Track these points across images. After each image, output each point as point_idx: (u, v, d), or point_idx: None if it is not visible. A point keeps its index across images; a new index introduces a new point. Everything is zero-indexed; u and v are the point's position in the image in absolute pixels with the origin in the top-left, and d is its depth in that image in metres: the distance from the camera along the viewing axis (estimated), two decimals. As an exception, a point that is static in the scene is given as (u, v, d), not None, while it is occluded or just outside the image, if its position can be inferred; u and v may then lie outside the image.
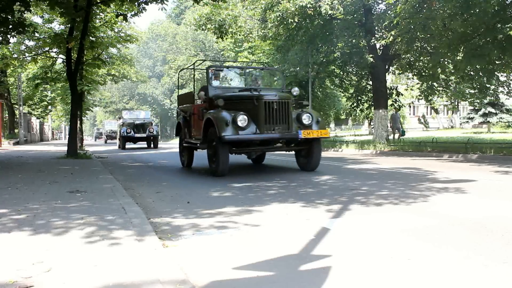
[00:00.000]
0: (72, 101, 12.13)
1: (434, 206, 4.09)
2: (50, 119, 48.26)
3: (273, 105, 7.05)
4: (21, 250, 2.50)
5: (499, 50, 10.52)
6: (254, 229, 3.31)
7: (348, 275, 2.24)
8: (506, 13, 10.36)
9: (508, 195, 4.73)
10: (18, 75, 25.19)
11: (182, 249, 2.76)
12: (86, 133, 68.08)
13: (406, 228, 3.22)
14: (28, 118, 30.91)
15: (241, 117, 6.80)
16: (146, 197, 4.96)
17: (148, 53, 60.99)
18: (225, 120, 6.78)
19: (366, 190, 5.22)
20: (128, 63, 24.47)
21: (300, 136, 7.03)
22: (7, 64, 17.39)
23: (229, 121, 6.75)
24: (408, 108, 46.17)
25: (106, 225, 3.09)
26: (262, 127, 6.97)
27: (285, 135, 7.11)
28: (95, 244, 2.62)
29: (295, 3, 14.07)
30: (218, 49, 41.14)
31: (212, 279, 2.21)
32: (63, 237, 2.78)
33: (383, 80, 16.71)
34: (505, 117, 31.26)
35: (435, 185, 5.54)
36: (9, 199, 4.27)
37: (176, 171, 8.48)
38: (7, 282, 1.98)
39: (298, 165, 8.05)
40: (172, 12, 62.25)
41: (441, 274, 2.23)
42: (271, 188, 5.56)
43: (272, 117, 7.03)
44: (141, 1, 11.61)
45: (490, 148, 10.79)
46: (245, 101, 7.25)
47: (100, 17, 16.31)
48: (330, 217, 3.67)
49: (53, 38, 14.18)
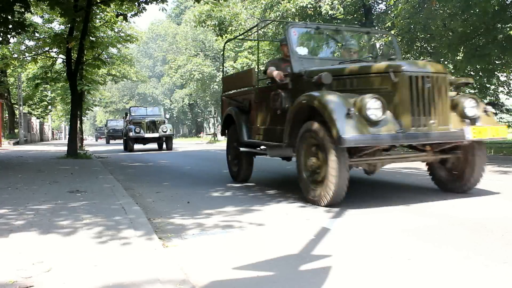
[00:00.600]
0: (72, 101, 12.13)
1: (434, 206, 4.09)
2: (50, 119, 48.28)
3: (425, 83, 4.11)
4: (21, 250, 2.50)
5: (499, 50, 10.51)
6: (255, 229, 3.31)
7: (348, 275, 2.24)
8: (506, 13, 10.36)
9: (508, 195, 4.73)
10: (18, 75, 25.19)
11: (182, 249, 2.76)
12: (86, 133, 68.08)
13: (406, 228, 3.22)
14: (28, 118, 30.90)
15: (372, 102, 3.91)
16: (146, 197, 4.96)
17: (148, 53, 61.02)
18: (343, 108, 3.92)
19: (366, 190, 5.22)
20: (128, 63, 24.45)
21: (469, 137, 4.18)
22: (7, 64, 17.40)
23: (352, 110, 3.89)
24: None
25: (106, 225, 3.09)
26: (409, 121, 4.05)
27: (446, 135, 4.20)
28: (95, 244, 2.62)
29: (295, 3, 14.07)
30: (218, 49, 41.12)
31: (212, 279, 2.21)
32: (63, 237, 2.78)
33: (383, 80, 16.66)
34: (505, 117, 31.24)
35: (435, 185, 5.53)
36: (9, 199, 4.27)
37: (176, 171, 8.48)
38: (7, 282, 1.98)
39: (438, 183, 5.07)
40: (172, 12, 62.23)
41: (441, 274, 2.23)
42: (271, 188, 5.55)
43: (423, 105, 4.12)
44: (141, 1, 11.61)
45: (490, 148, 10.79)
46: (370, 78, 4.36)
47: (100, 17, 16.30)
48: (330, 217, 3.67)
49: (53, 38, 14.19)
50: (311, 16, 14.66)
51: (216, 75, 40.78)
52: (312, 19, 14.97)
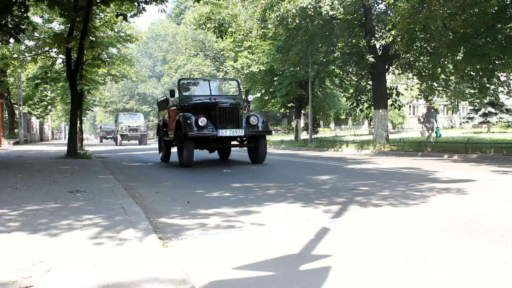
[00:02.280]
0: (72, 101, 12.14)
1: (434, 206, 4.09)
2: (50, 119, 48.27)
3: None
4: (21, 250, 2.49)
5: (499, 50, 10.51)
6: (254, 229, 3.31)
7: (348, 275, 2.24)
8: (506, 13, 10.36)
9: (508, 195, 4.73)
10: (18, 75, 25.18)
11: (182, 249, 2.76)
12: (86, 133, 68.06)
13: (406, 228, 3.22)
14: (28, 118, 30.90)
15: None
16: (146, 197, 4.96)
17: (148, 53, 61.02)
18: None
19: (366, 190, 5.22)
20: (128, 63, 24.45)
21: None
22: (7, 64, 17.39)
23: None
24: (408, 108, 46.16)
25: (106, 225, 3.09)
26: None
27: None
28: (95, 244, 2.62)
29: (295, 4, 14.06)
30: (218, 49, 41.13)
31: (212, 279, 2.21)
32: (63, 237, 2.78)
33: (383, 80, 16.70)
34: (505, 117, 31.25)
35: (435, 185, 5.54)
36: (9, 199, 4.27)
37: (176, 171, 8.48)
38: (7, 282, 1.98)
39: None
40: (172, 12, 62.29)
41: (441, 273, 2.23)
42: (270, 188, 5.55)
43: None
44: (140, 1, 11.61)
45: (490, 148, 10.80)
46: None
47: (100, 17, 16.31)
48: (330, 217, 3.67)
49: (53, 38, 14.17)
50: (311, 16, 14.65)
51: (216, 75, 40.79)
52: (312, 19, 14.96)
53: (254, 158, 9.67)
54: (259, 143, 9.40)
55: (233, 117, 8.89)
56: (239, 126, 8.93)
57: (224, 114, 8.82)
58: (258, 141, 9.42)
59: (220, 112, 8.80)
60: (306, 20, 14.98)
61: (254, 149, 9.67)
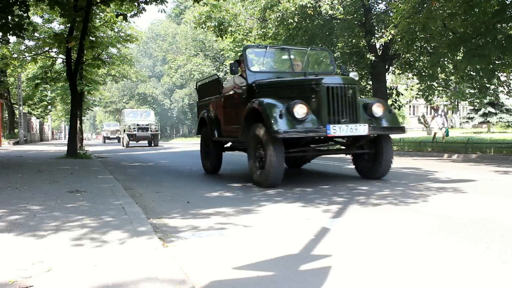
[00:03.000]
0: (72, 101, 12.13)
1: (434, 206, 4.09)
2: (50, 119, 48.29)
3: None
4: (21, 250, 2.49)
5: (499, 50, 10.50)
6: (254, 229, 3.31)
7: (348, 275, 2.24)
8: (506, 13, 10.35)
9: (508, 195, 4.73)
10: (18, 75, 25.17)
11: (182, 249, 2.76)
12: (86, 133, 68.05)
13: (405, 228, 3.23)
14: (28, 118, 30.89)
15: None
16: (146, 197, 4.96)
17: (148, 53, 60.98)
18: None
19: (366, 190, 5.22)
20: (128, 63, 24.46)
21: None
22: (7, 64, 17.39)
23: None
24: (408, 108, 46.15)
25: (106, 225, 3.09)
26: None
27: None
28: (95, 244, 2.62)
29: (295, 2, 14.05)
30: (218, 49, 41.16)
31: (212, 279, 2.21)
32: (63, 237, 2.78)
33: (383, 80, 16.70)
34: (505, 117, 31.28)
35: (435, 185, 5.54)
36: (8, 199, 4.27)
37: (176, 171, 8.48)
38: (7, 282, 1.98)
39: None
40: (172, 12, 62.24)
41: (441, 273, 2.23)
42: (270, 188, 5.55)
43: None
44: (140, 1, 11.61)
45: (490, 148, 10.80)
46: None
47: (100, 17, 16.30)
48: (330, 217, 3.67)
49: (53, 38, 14.17)
50: (311, 16, 14.64)
51: (216, 75, 40.66)
52: (312, 18, 14.96)
53: (372, 169, 6.17)
54: (383, 146, 5.94)
55: (349, 104, 5.44)
56: (358, 119, 5.50)
57: (335, 101, 5.35)
58: (382, 144, 5.97)
59: (328, 97, 5.33)
60: (306, 20, 14.97)
61: (373, 156, 6.11)
